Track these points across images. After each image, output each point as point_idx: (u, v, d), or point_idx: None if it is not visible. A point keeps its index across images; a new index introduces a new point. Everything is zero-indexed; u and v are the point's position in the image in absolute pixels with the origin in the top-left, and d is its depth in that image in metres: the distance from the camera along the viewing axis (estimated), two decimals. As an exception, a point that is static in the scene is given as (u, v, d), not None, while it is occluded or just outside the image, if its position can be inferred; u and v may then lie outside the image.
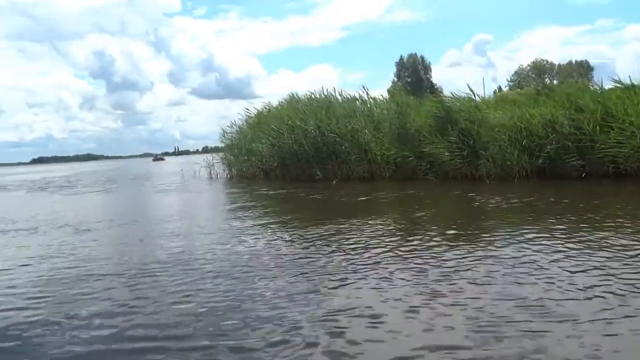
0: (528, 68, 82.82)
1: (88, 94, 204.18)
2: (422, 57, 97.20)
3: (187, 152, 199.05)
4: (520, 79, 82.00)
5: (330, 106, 14.44)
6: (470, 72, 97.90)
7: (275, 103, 18.20)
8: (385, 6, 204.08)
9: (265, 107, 18.18)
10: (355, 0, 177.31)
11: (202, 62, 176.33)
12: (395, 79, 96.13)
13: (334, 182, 12.42)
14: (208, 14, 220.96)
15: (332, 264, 4.42)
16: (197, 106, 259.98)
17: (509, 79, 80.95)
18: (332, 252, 4.92)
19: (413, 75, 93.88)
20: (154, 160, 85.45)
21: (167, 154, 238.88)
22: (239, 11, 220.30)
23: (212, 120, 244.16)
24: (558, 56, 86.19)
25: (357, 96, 14.82)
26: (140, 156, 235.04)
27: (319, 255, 4.75)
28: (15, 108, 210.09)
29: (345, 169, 12.93)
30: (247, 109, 19.23)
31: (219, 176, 18.46)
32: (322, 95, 15.34)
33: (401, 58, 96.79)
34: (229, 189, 14.65)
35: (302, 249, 5.16)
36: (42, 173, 46.74)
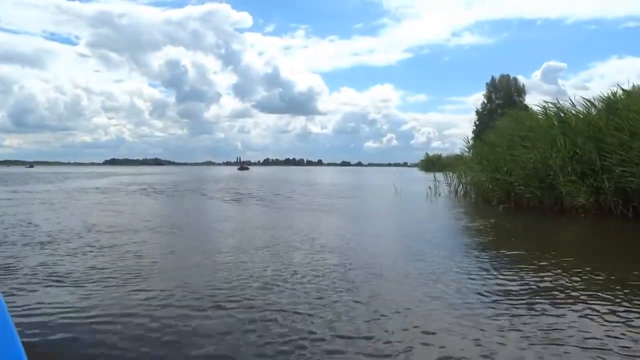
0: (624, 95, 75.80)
1: (159, 101, 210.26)
2: (515, 79, 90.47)
3: (248, 163, 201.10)
4: (616, 106, 74.89)
5: None
6: (536, 99, 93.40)
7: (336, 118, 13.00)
8: (452, 29, 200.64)
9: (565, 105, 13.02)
10: (423, 22, 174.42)
11: (267, 76, 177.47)
12: (485, 101, 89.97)
13: None
14: (276, 30, 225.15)
15: None
16: (260, 119, 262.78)
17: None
18: None
19: (505, 97, 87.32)
20: (239, 169, 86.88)
21: (229, 163, 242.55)
22: (306, 29, 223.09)
23: (272, 134, 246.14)
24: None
25: None
26: (204, 164, 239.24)
27: None
28: (94, 111, 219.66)
29: None
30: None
31: (471, 197, 13.58)
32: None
33: (493, 79, 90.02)
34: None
35: None
36: (141, 176, 43.97)
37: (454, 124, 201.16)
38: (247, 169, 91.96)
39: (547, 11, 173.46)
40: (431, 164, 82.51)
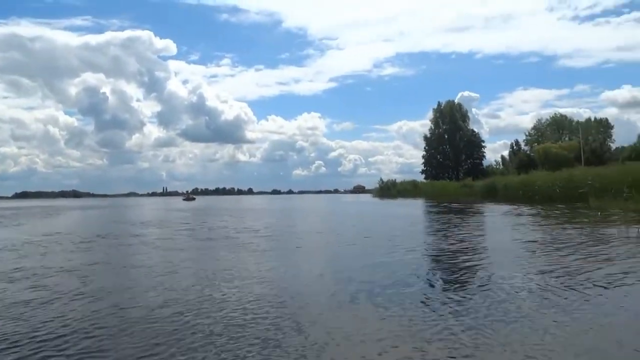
0: (546, 123, 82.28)
1: (76, 130, 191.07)
2: (460, 105, 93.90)
3: (175, 194, 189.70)
4: (539, 133, 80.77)
5: None
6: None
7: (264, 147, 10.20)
8: (374, 61, 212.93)
9: None
10: (346, 53, 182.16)
11: (193, 105, 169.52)
12: (433, 127, 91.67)
13: None
14: (202, 59, 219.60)
15: None
16: (186, 148, 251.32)
17: (526, 133, 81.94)
18: None
19: (451, 123, 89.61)
20: (184, 199, 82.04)
21: (154, 194, 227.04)
22: (232, 58, 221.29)
23: (199, 163, 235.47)
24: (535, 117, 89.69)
25: None
26: (127, 195, 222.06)
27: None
28: (2, 141, 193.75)
29: None
30: None
31: None
32: None
33: (439, 105, 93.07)
34: None
35: None
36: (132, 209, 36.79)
37: (378, 151, 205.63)
38: (193, 199, 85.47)
39: (460, 46, 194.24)
40: (386, 190, 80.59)
